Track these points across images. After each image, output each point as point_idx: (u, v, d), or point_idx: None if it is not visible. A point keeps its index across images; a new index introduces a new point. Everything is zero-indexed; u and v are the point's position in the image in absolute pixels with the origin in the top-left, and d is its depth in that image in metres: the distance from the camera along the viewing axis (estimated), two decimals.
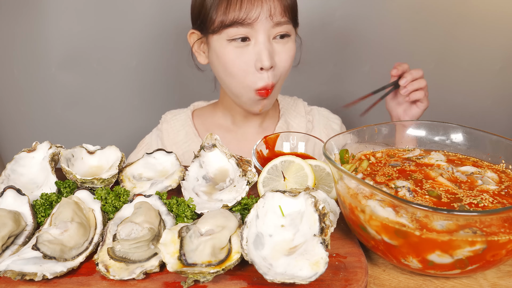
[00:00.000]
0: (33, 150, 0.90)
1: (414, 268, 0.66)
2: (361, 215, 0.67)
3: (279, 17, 1.09)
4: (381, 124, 0.89)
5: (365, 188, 0.66)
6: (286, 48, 1.14)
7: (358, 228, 0.70)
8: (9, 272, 0.63)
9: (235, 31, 1.08)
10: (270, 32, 1.10)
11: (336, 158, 0.80)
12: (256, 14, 1.06)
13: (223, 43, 1.11)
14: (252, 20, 1.07)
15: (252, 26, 1.07)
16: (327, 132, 1.37)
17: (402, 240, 0.63)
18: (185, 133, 1.34)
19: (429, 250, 0.62)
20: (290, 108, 1.38)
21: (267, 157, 0.99)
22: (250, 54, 1.10)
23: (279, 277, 0.59)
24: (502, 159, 0.80)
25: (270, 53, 1.10)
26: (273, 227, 0.69)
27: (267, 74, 1.11)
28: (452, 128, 0.87)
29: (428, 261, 0.63)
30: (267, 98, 1.16)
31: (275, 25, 1.09)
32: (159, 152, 0.94)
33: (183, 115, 1.38)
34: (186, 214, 0.77)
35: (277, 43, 1.12)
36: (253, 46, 1.10)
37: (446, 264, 0.63)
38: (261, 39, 1.09)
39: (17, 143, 1.95)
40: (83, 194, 0.79)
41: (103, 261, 0.66)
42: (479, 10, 1.90)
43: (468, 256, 0.61)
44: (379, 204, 0.64)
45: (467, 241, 0.59)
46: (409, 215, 0.62)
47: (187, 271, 0.60)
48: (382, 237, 0.65)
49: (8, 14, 1.75)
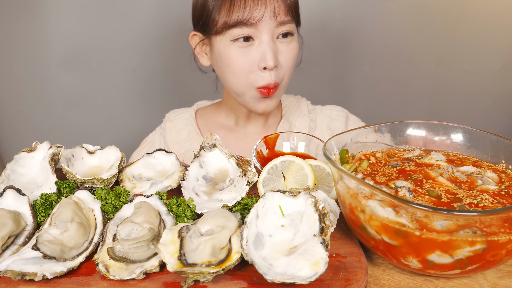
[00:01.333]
0: (33, 150, 0.90)
1: (414, 268, 0.66)
2: (361, 215, 0.67)
3: (283, 16, 1.09)
4: (381, 124, 0.89)
5: (365, 188, 0.66)
6: (290, 47, 1.14)
7: (358, 228, 0.70)
8: (9, 272, 0.63)
9: (239, 32, 1.08)
10: (274, 31, 1.10)
11: (336, 158, 0.80)
12: (260, 14, 1.06)
13: (226, 44, 1.11)
14: (256, 20, 1.06)
15: (256, 26, 1.07)
16: (331, 133, 1.36)
17: (402, 240, 0.63)
18: (188, 132, 1.34)
19: (429, 250, 0.62)
20: (293, 108, 1.38)
21: (267, 157, 0.99)
22: (254, 54, 1.10)
23: (279, 277, 0.59)
24: (502, 159, 0.80)
25: (274, 52, 1.09)
26: (273, 227, 0.69)
27: (269, 73, 1.11)
28: (452, 128, 0.87)
29: (428, 261, 0.63)
30: (270, 97, 1.16)
31: (279, 24, 1.09)
32: (159, 152, 0.94)
33: (186, 114, 1.38)
34: (186, 214, 0.77)
35: (280, 43, 1.12)
36: (257, 46, 1.10)
37: (446, 264, 0.63)
38: (265, 39, 1.09)
39: (17, 143, 1.95)
40: (83, 194, 0.79)
41: (103, 261, 0.66)
42: (479, 10, 1.90)
43: (468, 256, 0.61)
44: (379, 204, 0.64)
45: (467, 241, 0.59)
46: (409, 215, 0.62)
47: (187, 271, 0.60)
48: (382, 237, 0.65)
49: (8, 14, 1.75)
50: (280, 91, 1.18)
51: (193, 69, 1.30)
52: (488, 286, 0.68)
